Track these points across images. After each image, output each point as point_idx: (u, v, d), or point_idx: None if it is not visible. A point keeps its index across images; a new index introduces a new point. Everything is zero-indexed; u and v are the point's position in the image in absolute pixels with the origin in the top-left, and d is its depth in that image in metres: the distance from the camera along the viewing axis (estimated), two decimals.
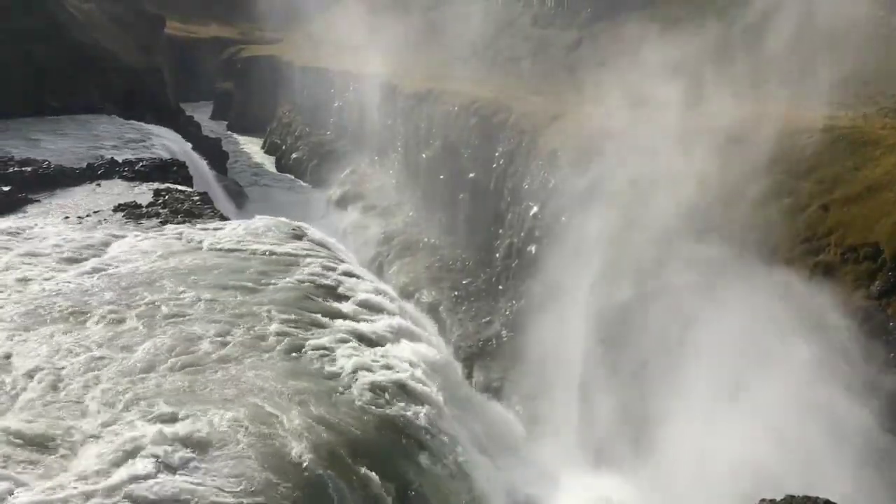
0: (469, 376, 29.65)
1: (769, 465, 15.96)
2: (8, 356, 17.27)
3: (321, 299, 22.04)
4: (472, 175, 37.41)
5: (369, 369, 18.31)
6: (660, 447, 19.79)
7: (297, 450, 14.54)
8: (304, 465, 14.29)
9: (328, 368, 18.08)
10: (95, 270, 22.88)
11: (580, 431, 23.92)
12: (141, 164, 36.39)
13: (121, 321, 19.33)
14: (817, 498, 10.89)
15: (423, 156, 43.88)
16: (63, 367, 16.87)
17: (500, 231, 34.34)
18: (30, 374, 16.48)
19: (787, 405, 16.70)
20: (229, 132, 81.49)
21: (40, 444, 14.06)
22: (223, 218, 29.94)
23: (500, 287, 33.65)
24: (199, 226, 27.64)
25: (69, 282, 21.84)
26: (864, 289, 16.95)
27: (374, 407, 17.00)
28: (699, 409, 18.58)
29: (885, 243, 17.05)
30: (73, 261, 23.82)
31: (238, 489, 13.19)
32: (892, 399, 15.77)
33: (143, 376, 16.68)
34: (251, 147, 77.13)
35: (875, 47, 24.70)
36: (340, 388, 17.30)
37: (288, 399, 16.15)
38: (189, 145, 49.98)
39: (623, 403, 21.68)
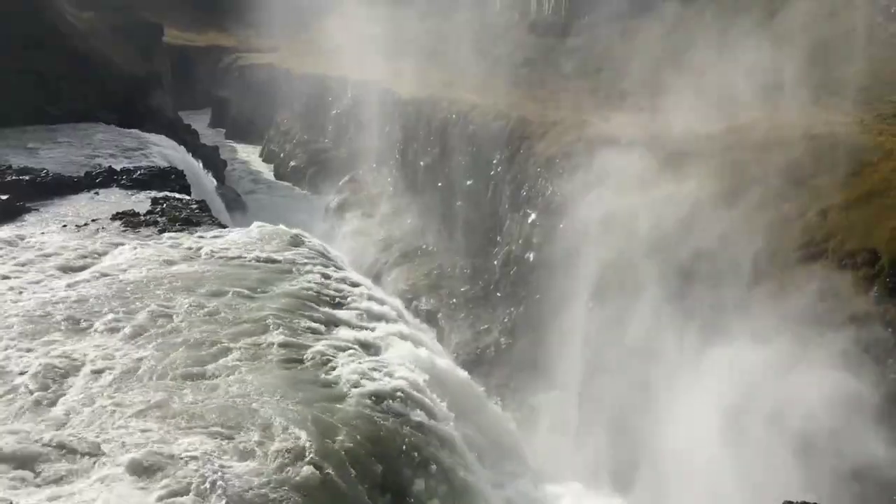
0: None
1: (772, 471, 15.94)
2: (4, 365, 17.22)
3: (320, 307, 22.00)
4: (470, 182, 37.44)
5: (368, 377, 18.25)
6: (656, 454, 19.76)
7: (296, 458, 14.49)
8: (303, 473, 14.23)
9: (327, 376, 18.03)
10: (94, 279, 22.84)
11: (578, 439, 23.87)
12: (139, 172, 36.37)
13: (119, 330, 19.28)
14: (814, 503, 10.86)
15: (422, 163, 43.92)
16: (61, 377, 16.83)
17: (499, 238, 34.34)
18: (26, 383, 16.43)
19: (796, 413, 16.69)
20: (227, 140, 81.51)
21: (34, 455, 14.01)
22: (221, 226, 29.90)
23: (499, 294, 33.63)
24: (197, 234, 27.60)
25: (67, 290, 21.80)
26: (863, 294, 16.94)
27: (373, 415, 16.95)
28: (700, 416, 18.56)
29: (884, 249, 17.05)
30: (71, 269, 23.77)
31: (234, 499, 13.13)
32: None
33: (140, 385, 16.64)
34: (249, 155, 77.14)
35: (873, 53, 24.78)
36: (340, 396, 17.25)
37: (287, 408, 16.10)
38: (187, 153, 49.98)
39: (621, 411, 21.65)
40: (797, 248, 18.79)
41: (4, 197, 30.33)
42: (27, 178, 33.27)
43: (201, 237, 27.12)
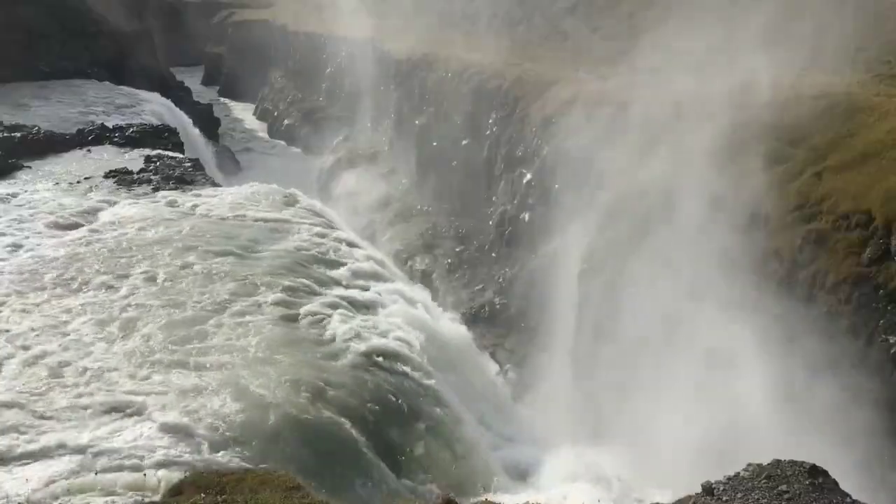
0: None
1: (759, 429, 16.11)
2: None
3: (315, 266, 22.05)
4: (465, 142, 37.22)
5: (362, 335, 18.37)
6: (650, 415, 19.94)
7: (291, 416, 14.62)
8: (298, 432, 14.37)
9: (322, 335, 18.14)
10: (88, 236, 22.81)
11: (571, 398, 24.05)
12: (132, 129, 36.15)
13: (114, 288, 19.31)
14: (804, 462, 10.98)
15: (417, 122, 43.60)
16: (55, 334, 16.86)
17: (494, 198, 34.25)
18: (21, 341, 16.46)
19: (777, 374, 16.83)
20: (221, 98, 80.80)
21: (29, 408, 14.08)
22: (215, 184, 29.84)
23: (493, 254, 33.66)
24: (191, 192, 27.54)
25: (61, 248, 21.76)
26: (856, 256, 16.96)
27: (367, 373, 17.09)
28: (690, 375, 18.71)
29: (878, 211, 17.02)
30: (64, 227, 23.72)
31: (232, 453, 13.27)
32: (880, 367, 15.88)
33: (137, 342, 16.70)
34: (243, 113, 76.54)
35: (871, 13, 24.53)
36: (334, 354, 17.37)
37: (282, 366, 16.21)
38: (180, 111, 49.59)
39: (614, 371, 21.79)
40: (792, 209, 18.77)
41: None
42: (19, 135, 33.04)
43: (196, 196, 27.06)
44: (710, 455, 15.72)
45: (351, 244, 24.57)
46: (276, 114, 70.43)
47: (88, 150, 33.22)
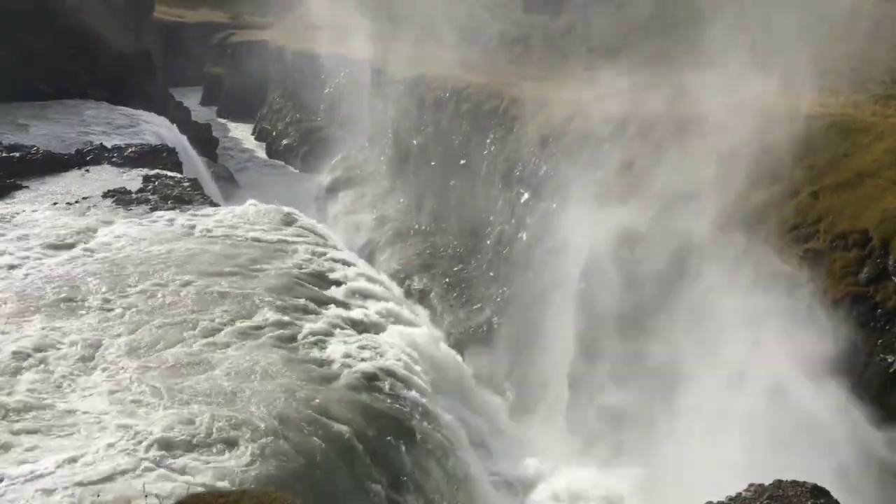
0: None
1: (755, 454, 16.04)
2: None
3: (313, 286, 22.05)
4: (463, 161, 37.31)
5: (360, 356, 18.34)
6: (649, 436, 19.86)
7: (289, 438, 14.55)
8: (296, 453, 14.29)
9: (320, 355, 18.11)
10: (85, 256, 22.80)
11: (569, 418, 23.98)
12: (130, 149, 36.22)
13: (111, 308, 19.28)
14: (805, 482, 10.95)
15: (415, 142, 43.71)
16: (52, 354, 16.81)
17: (491, 218, 34.30)
18: (18, 360, 16.40)
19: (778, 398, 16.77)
20: (219, 118, 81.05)
21: (24, 427, 14.03)
22: (213, 204, 29.89)
23: (491, 274, 33.64)
24: (189, 212, 27.58)
25: (58, 268, 21.74)
26: (853, 276, 16.99)
27: (365, 394, 17.04)
28: (691, 397, 18.67)
29: (874, 230, 17.08)
30: (62, 247, 23.71)
31: (228, 477, 13.19)
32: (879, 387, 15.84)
33: (133, 363, 16.65)
34: (241, 133, 76.73)
35: (867, 33, 24.70)
36: (332, 375, 17.33)
37: (280, 386, 16.15)
38: (178, 131, 49.71)
39: (612, 392, 21.73)
40: (789, 228, 18.80)
41: None
42: (17, 154, 33.10)
43: (193, 215, 27.10)
44: (710, 475, 15.65)
45: (349, 264, 24.58)
46: (274, 133, 70.63)
47: (87, 170, 33.26)
